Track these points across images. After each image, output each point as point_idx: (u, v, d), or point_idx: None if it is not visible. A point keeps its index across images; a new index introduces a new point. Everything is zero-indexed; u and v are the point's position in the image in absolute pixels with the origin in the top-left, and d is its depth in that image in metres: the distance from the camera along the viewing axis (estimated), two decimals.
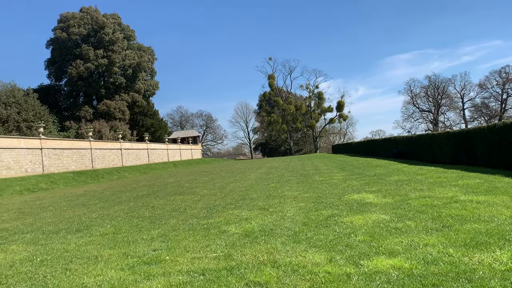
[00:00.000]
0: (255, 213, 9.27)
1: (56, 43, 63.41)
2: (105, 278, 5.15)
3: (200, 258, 5.82)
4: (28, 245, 7.71)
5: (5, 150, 29.53)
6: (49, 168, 33.65)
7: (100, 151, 42.55)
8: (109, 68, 62.69)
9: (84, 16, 63.55)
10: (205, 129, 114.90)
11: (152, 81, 72.03)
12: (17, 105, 44.15)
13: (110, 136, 52.68)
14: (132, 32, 69.69)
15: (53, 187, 27.47)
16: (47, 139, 34.67)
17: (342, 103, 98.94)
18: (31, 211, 14.08)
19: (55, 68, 64.66)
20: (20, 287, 5.02)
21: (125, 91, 65.92)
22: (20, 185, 25.96)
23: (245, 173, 26.06)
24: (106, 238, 7.74)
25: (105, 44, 63.18)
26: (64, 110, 63.42)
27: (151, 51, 72.52)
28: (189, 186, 18.53)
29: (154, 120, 71.87)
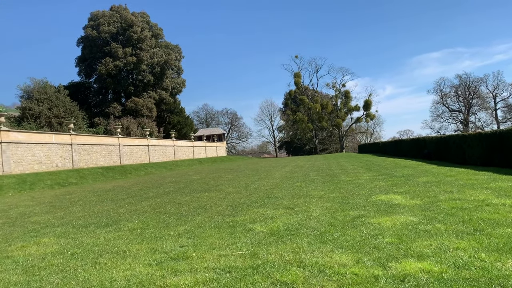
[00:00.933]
0: (281, 212, 9.26)
1: (86, 41, 64.87)
2: (133, 273, 5.24)
3: (226, 255, 5.85)
4: (59, 238, 7.93)
5: (37, 145, 30.46)
6: (79, 163, 34.52)
7: (128, 148, 43.36)
8: (137, 66, 63.74)
9: (113, 15, 64.77)
10: (230, 127, 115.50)
11: (179, 79, 72.81)
12: (48, 102, 45.40)
13: (138, 133, 53.58)
14: (160, 30, 70.60)
15: (82, 182, 28.17)
16: (77, 135, 35.57)
17: (369, 102, 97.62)
18: (62, 205, 14.48)
19: (85, 65, 66.17)
20: (52, 279, 5.16)
21: (153, 88, 66.89)
22: (51, 180, 26.73)
23: (270, 171, 26.06)
24: (134, 233, 7.88)
25: (134, 42, 64.23)
26: (94, 107, 64.85)
27: (178, 49, 73.29)
28: (215, 184, 18.67)
29: (180, 117, 72.67)
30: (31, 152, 29.63)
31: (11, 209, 14.09)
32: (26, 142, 29.28)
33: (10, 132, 28.23)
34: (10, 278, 5.30)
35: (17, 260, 6.30)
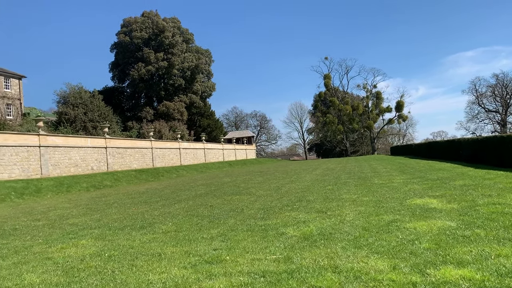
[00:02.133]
0: (313, 216, 9.18)
1: (119, 46, 66.56)
2: (169, 275, 5.32)
3: (260, 259, 5.85)
4: (96, 240, 8.14)
5: (73, 149, 31.44)
6: (113, 166, 35.39)
7: (160, 150, 44.13)
8: (168, 71, 64.87)
9: (145, 21, 66.19)
10: (259, 129, 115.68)
11: (209, 83, 73.61)
12: (83, 106, 46.80)
13: (169, 136, 54.46)
14: (191, 35, 71.60)
15: (116, 185, 28.86)
16: (111, 138, 36.49)
17: (402, 103, 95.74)
18: (98, 207, 14.87)
19: (119, 70, 67.90)
20: (91, 281, 5.30)
21: (184, 92, 67.88)
22: (87, 182, 27.53)
23: (300, 174, 25.92)
24: (168, 236, 8.00)
25: (165, 47, 65.41)
26: (127, 111, 66.41)
27: (208, 54, 74.13)
28: (245, 186, 18.73)
29: (210, 120, 73.42)
30: (67, 155, 30.60)
31: (50, 211, 14.58)
32: (63, 146, 30.28)
33: (48, 136, 29.26)
34: (51, 279, 5.48)
35: (57, 261, 6.50)
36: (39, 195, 22.46)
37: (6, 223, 12.04)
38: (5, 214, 14.77)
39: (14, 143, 26.20)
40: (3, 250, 7.73)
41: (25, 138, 27.47)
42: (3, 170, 25.10)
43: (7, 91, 49.18)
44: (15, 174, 25.75)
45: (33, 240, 8.67)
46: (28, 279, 5.55)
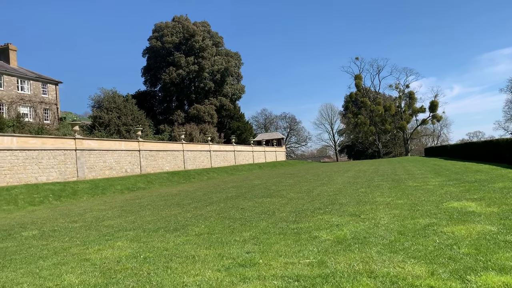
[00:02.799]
0: (346, 219, 9.06)
1: (151, 51, 67.93)
2: (203, 278, 5.35)
3: (293, 263, 5.81)
4: (131, 242, 8.30)
5: (108, 152, 32.25)
6: (146, 168, 36.09)
7: (191, 153, 44.69)
8: (199, 74, 65.68)
9: (176, 25, 67.29)
10: (289, 131, 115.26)
11: (239, 85, 74.03)
12: (117, 110, 47.96)
13: (200, 139, 55.06)
14: (221, 38, 72.25)
15: (149, 187, 29.39)
16: (144, 141, 37.23)
17: (436, 103, 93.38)
18: (132, 209, 15.18)
19: (150, 75, 69.29)
20: (128, 282, 5.40)
21: (214, 95, 68.54)
22: (121, 184, 28.16)
23: (332, 176, 25.64)
24: (201, 238, 8.07)
25: (196, 51, 66.26)
26: (159, 114, 67.63)
27: (238, 56, 74.57)
28: (276, 189, 18.69)
29: (240, 123, 73.77)
30: (102, 158, 31.42)
31: (86, 213, 15.00)
32: (98, 149, 31.11)
33: (83, 140, 30.15)
34: (89, 280, 5.62)
35: (95, 262, 6.67)
36: (76, 197, 23.15)
37: (45, 224, 12.46)
38: (44, 216, 15.29)
39: (52, 147, 27.13)
40: (43, 251, 7.99)
41: (62, 142, 28.39)
42: (42, 173, 26.03)
43: (44, 97, 51.04)
44: (52, 177, 26.66)
45: (71, 241, 8.93)
46: (67, 279, 5.71)
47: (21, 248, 8.50)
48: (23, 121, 38.88)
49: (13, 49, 52.51)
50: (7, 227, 12.56)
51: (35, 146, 25.93)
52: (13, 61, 51.96)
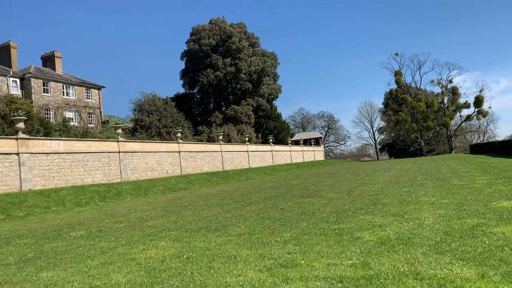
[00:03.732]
0: (389, 219, 8.85)
1: (189, 54, 69.11)
2: (246, 278, 5.38)
3: (336, 264, 5.73)
4: (174, 242, 8.47)
5: (150, 154, 33.09)
6: (186, 169, 36.75)
7: (229, 154, 45.10)
8: (236, 75, 66.20)
9: (213, 28, 68.13)
10: (327, 130, 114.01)
11: (275, 85, 74.00)
12: (157, 113, 49.14)
13: (238, 139, 55.47)
14: (257, 39, 72.50)
15: (190, 187, 29.91)
16: (184, 143, 37.93)
17: (481, 98, 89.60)
18: (174, 209, 15.50)
19: (189, 77, 70.51)
20: (172, 282, 5.51)
21: (250, 96, 68.86)
22: (162, 185, 28.81)
23: (373, 175, 25.15)
24: (242, 239, 8.12)
25: (232, 52, 66.82)
26: (197, 116, 68.68)
27: (274, 56, 74.58)
28: (315, 189, 18.53)
29: (277, 122, 73.71)
30: (144, 160, 32.28)
31: (130, 214, 15.44)
32: (140, 151, 31.98)
33: (126, 143, 31.07)
34: (135, 279, 5.77)
35: (140, 262, 6.84)
36: (120, 198, 23.88)
37: (92, 225, 12.93)
38: (90, 217, 15.88)
39: (96, 150, 28.13)
40: (91, 251, 8.29)
41: (106, 144, 29.38)
42: (87, 175, 27.04)
43: (88, 101, 53.01)
44: (97, 178, 27.64)
45: (117, 241, 9.21)
46: (115, 278, 5.89)
47: (70, 248, 8.85)
48: (69, 125, 40.55)
49: (58, 56, 54.89)
50: (57, 227, 13.13)
51: (81, 149, 26.98)
52: (58, 68, 54.30)
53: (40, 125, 32.33)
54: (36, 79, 47.31)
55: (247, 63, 67.15)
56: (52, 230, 12.44)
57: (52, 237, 10.76)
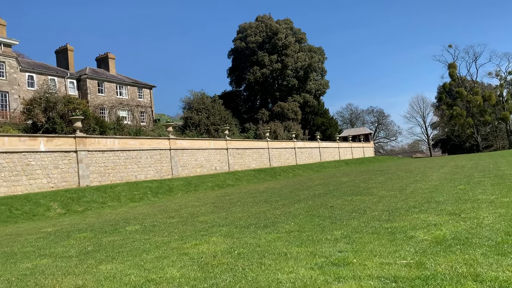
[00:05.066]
0: (445, 218, 8.52)
1: (236, 52, 69.79)
2: (297, 275, 5.38)
3: (389, 264, 5.60)
4: (225, 237, 8.61)
5: (199, 151, 33.80)
6: (234, 166, 37.20)
7: (276, 150, 45.14)
8: (282, 72, 66.07)
9: (259, 25, 68.34)
10: (377, 125, 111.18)
11: (323, 81, 73.12)
12: (206, 111, 50.03)
13: (284, 136, 55.37)
14: (303, 34, 71.95)
15: (237, 184, 30.26)
16: (231, 140, 38.40)
17: None
18: (223, 205, 15.75)
19: (235, 75, 71.23)
20: (225, 277, 5.61)
21: (297, 92, 68.48)
22: (211, 181, 29.35)
23: (426, 172, 24.28)
24: (292, 236, 8.11)
25: (279, 49, 66.74)
26: (244, 113, 69.25)
27: (321, 51, 73.70)
28: (365, 186, 18.16)
29: (324, 118, 72.84)
30: (194, 157, 33.01)
31: (181, 209, 15.86)
32: (189, 148, 32.75)
33: (177, 140, 31.91)
34: (189, 274, 5.93)
35: (193, 257, 7.02)
36: (171, 194, 24.59)
37: (146, 220, 13.41)
38: (144, 212, 16.47)
39: (149, 147, 29.11)
40: (146, 245, 8.60)
41: (158, 142, 30.32)
42: (140, 172, 28.04)
43: (140, 100, 54.93)
44: (150, 175, 28.59)
45: (170, 236, 9.50)
46: (169, 272, 6.09)
47: (126, 242, 9.23)
48: (122, 124, 42.12)
49: (112, 57, 57.25)
50: (113, 222, 13.73)
51: (134, 147, 28.02)
52: (112, 69, 56.64)
53: (96, 124, 33.84)
54: (92, 80, 49.61)
55: (294, 59, 66.82)
56: (109, 224, 13.03)
57: (109, 231, 11.26)
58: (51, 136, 23.75)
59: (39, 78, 44.70)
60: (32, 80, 44.21)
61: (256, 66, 65.66)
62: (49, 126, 30.63)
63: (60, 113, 32.08)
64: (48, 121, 31.08)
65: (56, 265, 7.32)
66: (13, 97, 39.13)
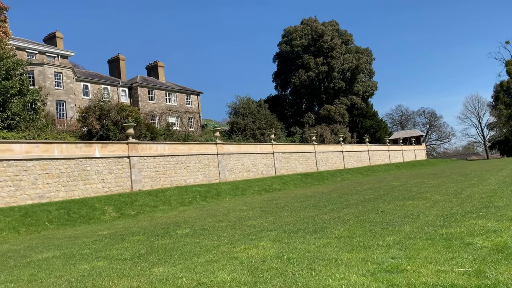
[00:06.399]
0: (505, 224, 8.06)
1: (281, 56, 69.91)
2: (348, 282, 5.27)
3: (446, 271, 5.37)
4: (274, 242, 8.59)
5: (245, 155, 34.07)
6: (280, 170, 37.16)
7: (323, 154, 44.63)
8: (328, 74, 65.40)
9: (304, 28, 68.10)
10: (429, 127, 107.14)
11: (370, 82, 71.62)
12: (251, 115, 50.44)
13: (331, 139, 54.67)
14: (350, 36, 70.90)
15: (284, 188, 30.19)
16: (277, 144, 38.40)
17: None
18: (270, 210, 15.75)
19: (281, 79, 71.30)
20: (275, 282, 5.59)
21: (344, 94, 67.49)
22: (258, 186, 29.46)
23: (483, 176, 23.11)
24: (342, 241, 7.97)
25: (324, 51, 66.15)
26: (289, 117, 69.07)
27: (368, 52, 72.27)
28: (418, 191, 17.53)
29: (373, 121, 71.22)
30: (240, 161, 33.32)
31: (229, 213, 16.03)
32: (236, 153, 33.09)
33: (223, 145, 32.36)
34: (239, 278, 5.97)
35: (242, 261, 7.06)
36: (219, 198, 24.93)
37: (196, 223, 13.67)
38: (194, 215, 16.80)
39: (197, 152, 29.71)
40: (196, 248, 8.76)
41: (205, 147, 30.89)
42: (189, 176, 28.66)
43: (188, 106, 56.28)
44: (198, 179, 29.16)
45: (219, 240, 9.62)
46: (220, 276, 6.15)
47: (178, 245, 9.44)
48: (172, 130, 43.35)
49: (161, 65, 59.14)
50: (164, 225, 14.11)
51: (183, 152, 28.70)
52: (161, 76, 58.48)
53: (147, 130, 35.03)
54: (142, 87, 51.43)
55: (340, 61, 65.96)
56: (160, 228, 13.39)
57: (161, 235, 11.58)
58: (105, 143, 24.84)
59: (93, 87, 46.95)
60: (87, 89, 46.50)
61: (302, 70, 65.40)
62: (103, 133, 32.06)
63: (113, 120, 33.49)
64: (102, 128, 32.53)
65: (112, 267, 7.61)
66: (69, 105, 41.31)
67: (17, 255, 10.30)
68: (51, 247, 11.14)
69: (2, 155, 19.47)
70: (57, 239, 13.18)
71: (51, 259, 9.04)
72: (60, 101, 40.68)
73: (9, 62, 25.86)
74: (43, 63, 40.03)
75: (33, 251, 10.60)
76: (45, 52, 45.20)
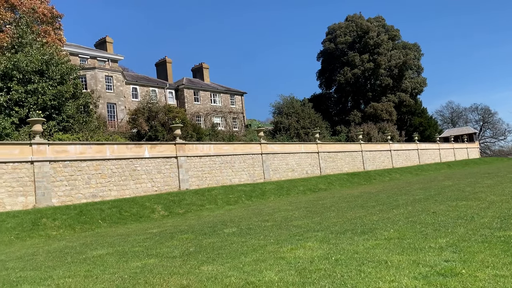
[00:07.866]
0: None
1: (325, 54, 69.04)
2: (400, 285, 5.14)
3: (505, 276, 5.11)
4: (321, 243, 8.51)
5: (290, 155, 33.97)
6: (325, 170, 36.75)
7: (370, 153, 43.67)
8: (375, 71, 63.89)
9: (349, 25, 66.91)
10: (482, 124, 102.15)
11: (419, 78, 69.22)
12: (296, 115, 50.24)
13: (379, 138, 53.40)
14: (397, 31, 68.89)
15: (330, 188, 29.83)
16: (322, 143, 37.99)
17: None
18: (316, 210, 15.61)
19: (325, 77, 70.42)
20: (323, 283, 5.54)
21: (391, 91, 65.68)
22: (303, 185, 29.29)
23: None
24: (392, 243, 7.76)
25: (370, 48, 64.68)
26: (334, 116, 68.11)
27: (416, 48, 69.92)
28: (471, 191, 16.77)
29: (422, 118, 68.87)
30: (284, 161, 33.26)
31: (275, 213, 16.04)
32: (280, 153, 33.06)
33: (268, 145, 32.42)
34: (287, 278, 5.97)
35: (290, 261, 7.05)
36: (264, 197, 25.02)
37: (242, 222, 13.78)
38: (239, 215, 16.96)
39: (241, 152, 29.96)
40: (243, 248, 8.84)
41: (250, 147, 31.08)
42: (234, 176, 28.96)
43: (232, 107, 56.88)
44: (243, 179, 29.40)
45: (266, 239, 9.65)
46: (267, 276, 6.17)
47: (225, 244, 9.56)
48: (217, 130, 44.03)
49: (206, 67, 60.17)
50: (211, 224, 14.34)
51: (228, 152, 29.05)
52: (206, 78, 59.51)
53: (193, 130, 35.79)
54: (188, 89, 52.56)
55: (387, 58, 64.25)
56: (207, 226, 13.63)
57: (208, 233, 11.78)
58: (154, 143, 25.60)
59: (142, 89, 48.51)
60: (135, 92, 48.12)
61: (347, 67, 64.31)
62: (151, 134, 33.08)
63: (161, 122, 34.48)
64: (151, 129, 33.58)
65: (162, 265, 7.83)
66: (119, 108, 42.92)
67: (73, 251, 10.83)
68: (105, 244, 11.62)
69: (58, 156, 20.54)
70: (110, 236, 13.73)
71: (105, 256, 9.43)
72: (110, 103, 42.35)
73: (63, 67, 27.23)
74: (94, 67, 41.84)
75: (88, 248, 11.11)
76: (96, 57, 47.20)
